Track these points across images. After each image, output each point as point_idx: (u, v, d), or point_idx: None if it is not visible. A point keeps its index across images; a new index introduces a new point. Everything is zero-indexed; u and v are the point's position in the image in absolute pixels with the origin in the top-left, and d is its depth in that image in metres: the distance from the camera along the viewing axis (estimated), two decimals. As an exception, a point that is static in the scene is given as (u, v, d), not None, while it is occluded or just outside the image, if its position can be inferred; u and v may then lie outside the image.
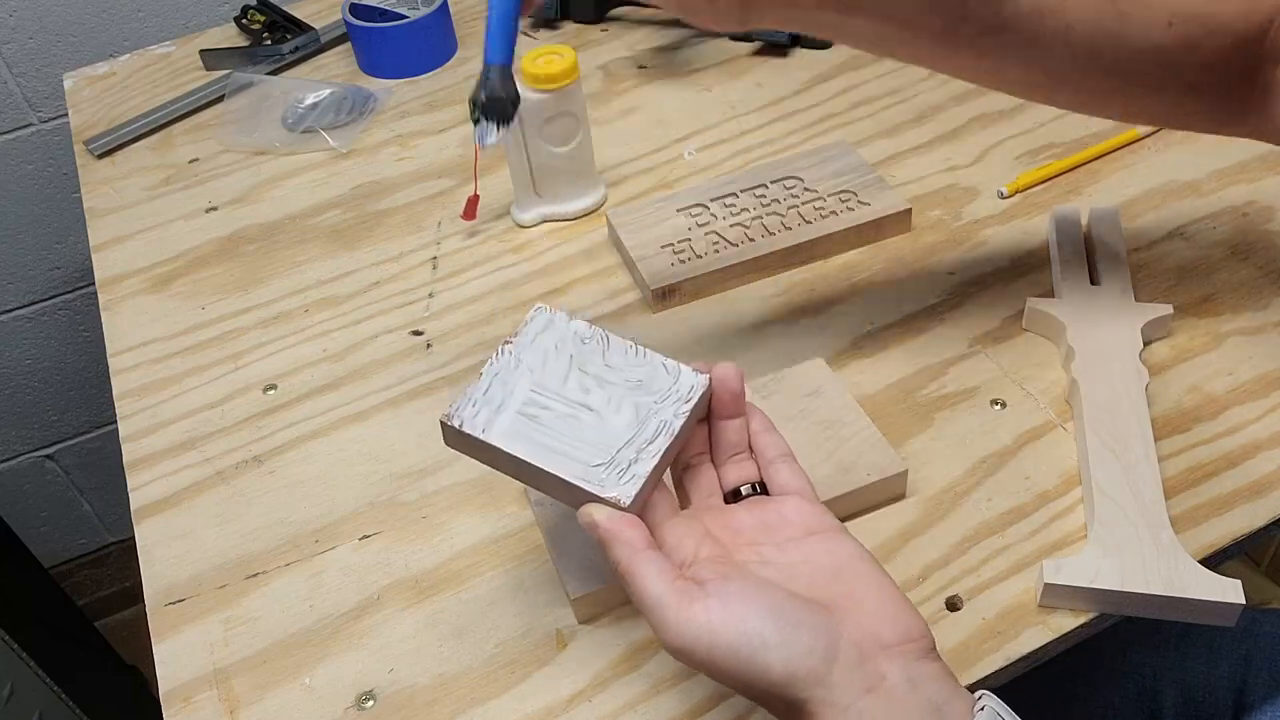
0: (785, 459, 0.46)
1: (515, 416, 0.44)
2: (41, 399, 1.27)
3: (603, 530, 0.41)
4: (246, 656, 0.51)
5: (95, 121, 0.91)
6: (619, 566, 0.40)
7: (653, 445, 0.43)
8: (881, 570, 0.41)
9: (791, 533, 0.42)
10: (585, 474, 0.42)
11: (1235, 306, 0.64)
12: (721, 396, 0.45)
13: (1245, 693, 0.60)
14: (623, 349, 0.47)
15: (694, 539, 0.42)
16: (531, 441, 0.44)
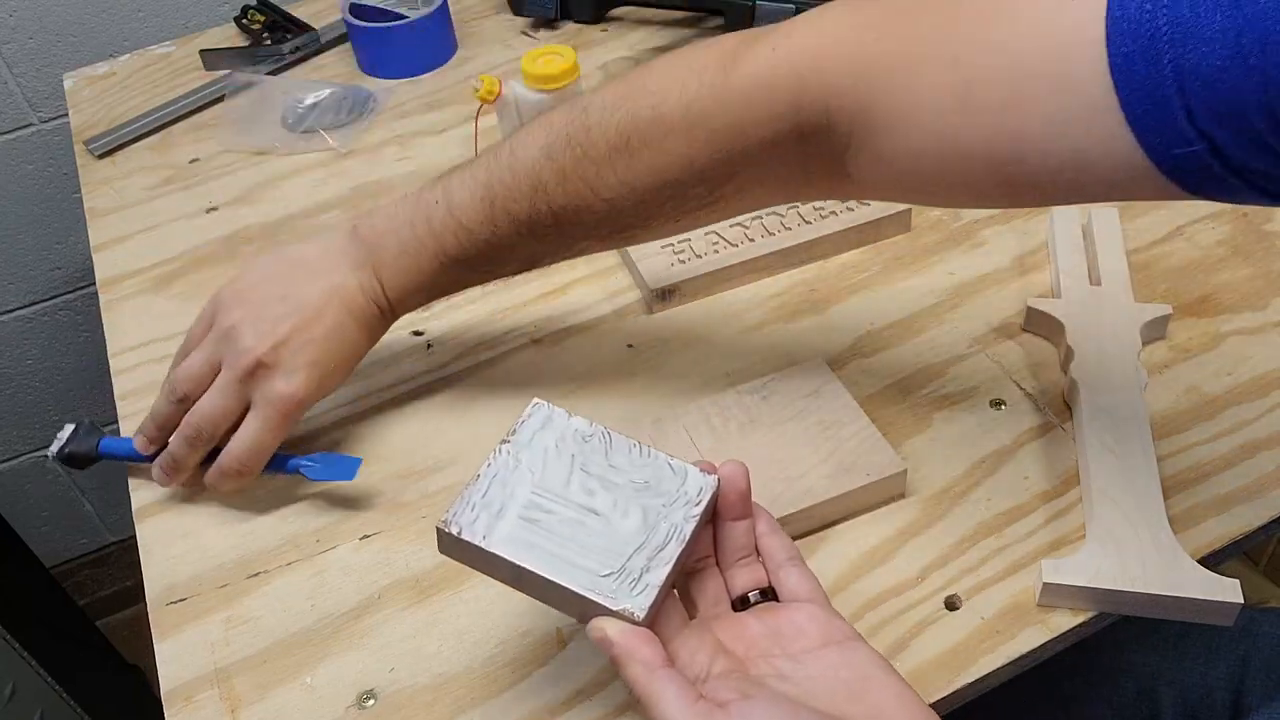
0: (794, 562, 0.44)
1: (517, 521, 0.42)
2: (42, 399, 1.27)
3: (618, 648, 0.39)
4: (247, 656, 0.51)
5: (95, 121, 0.91)
6: (636, 687, 0.38)
7: (664, 552, 0.41)
8: (900, 679, 0.40)
9: (806, 644, 0.41)
10: (594, 584, 0.40)
11: (1234, 307, 0.64)
12: (729, 497, 0.43)
13: (1243, 692, 0.60)
14: (626, 448, 0.44)
15: (707, 653, 0.40)
16: (536, 549, 0.41)
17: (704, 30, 0.95)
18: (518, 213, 0.51)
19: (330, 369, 0.56)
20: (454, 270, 0.55)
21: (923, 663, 0.48)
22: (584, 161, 0.49)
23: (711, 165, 0.47)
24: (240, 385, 0.54)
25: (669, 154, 0.47)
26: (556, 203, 0.50)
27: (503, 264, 0.55)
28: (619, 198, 0.49)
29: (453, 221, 0.53)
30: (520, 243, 0.53)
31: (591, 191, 0.49)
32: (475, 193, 0.52)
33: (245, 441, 0.55)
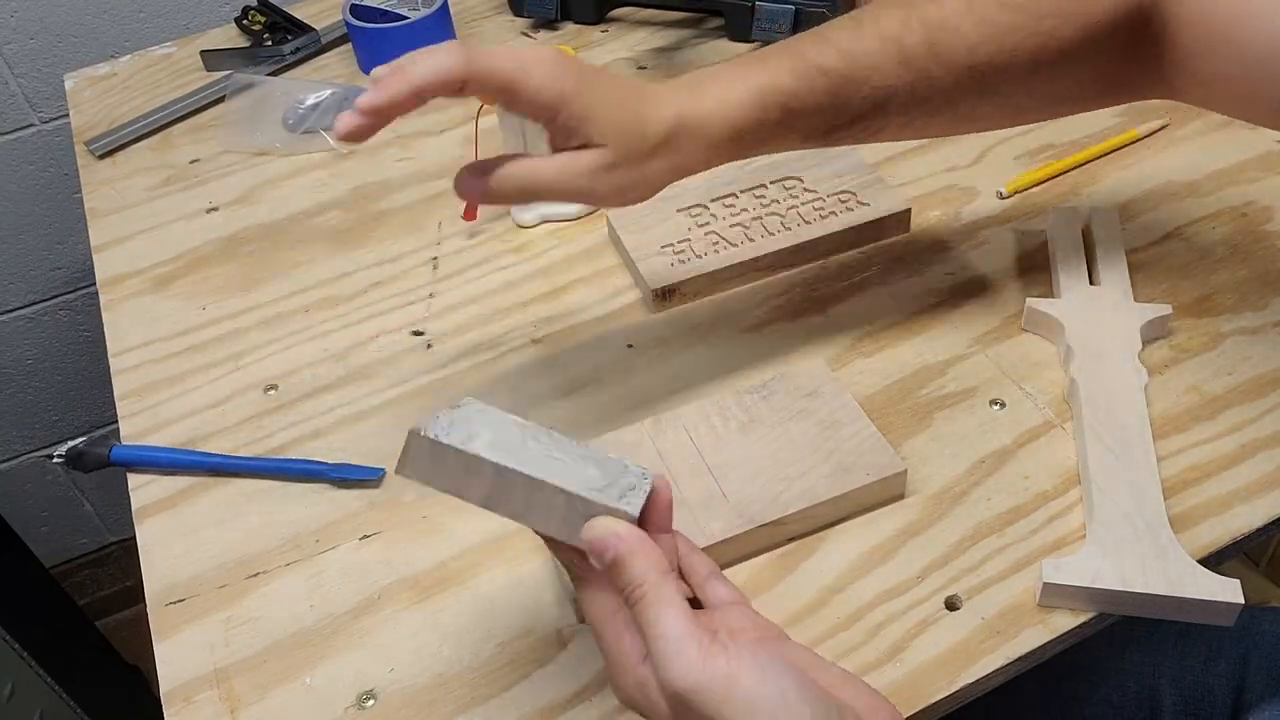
0: (718, 576, 0.43)
1: (489, 443, 0.40)
2: (42, 399, 1.27)
3: (624, 544, 0.37)
4: (247, 656, 0.51)
5: (96, 122, 0.91)
6: (637, 590, 0.37)
7: (640, 487, 0.40)
8: (838, 666, 0.39)
9: (746, 638, 0.39)
10: (587, 491, 0.39)
11: (1234, 306, 0.64)
12: (660, 507, 0.41)
13: (1244, 692, 0.60)
14: (567, 440, 0.43)
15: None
16: (519, 459, 0.40)
17: (704, 30, 0.95)
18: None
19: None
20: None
21: (923, 663, 0.48)
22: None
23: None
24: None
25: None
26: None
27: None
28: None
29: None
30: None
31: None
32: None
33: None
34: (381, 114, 0.44)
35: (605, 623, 0.39)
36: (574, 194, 0.48)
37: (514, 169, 0.47)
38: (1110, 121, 0.79)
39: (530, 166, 0.48)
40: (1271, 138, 0.76)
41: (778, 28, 0.89)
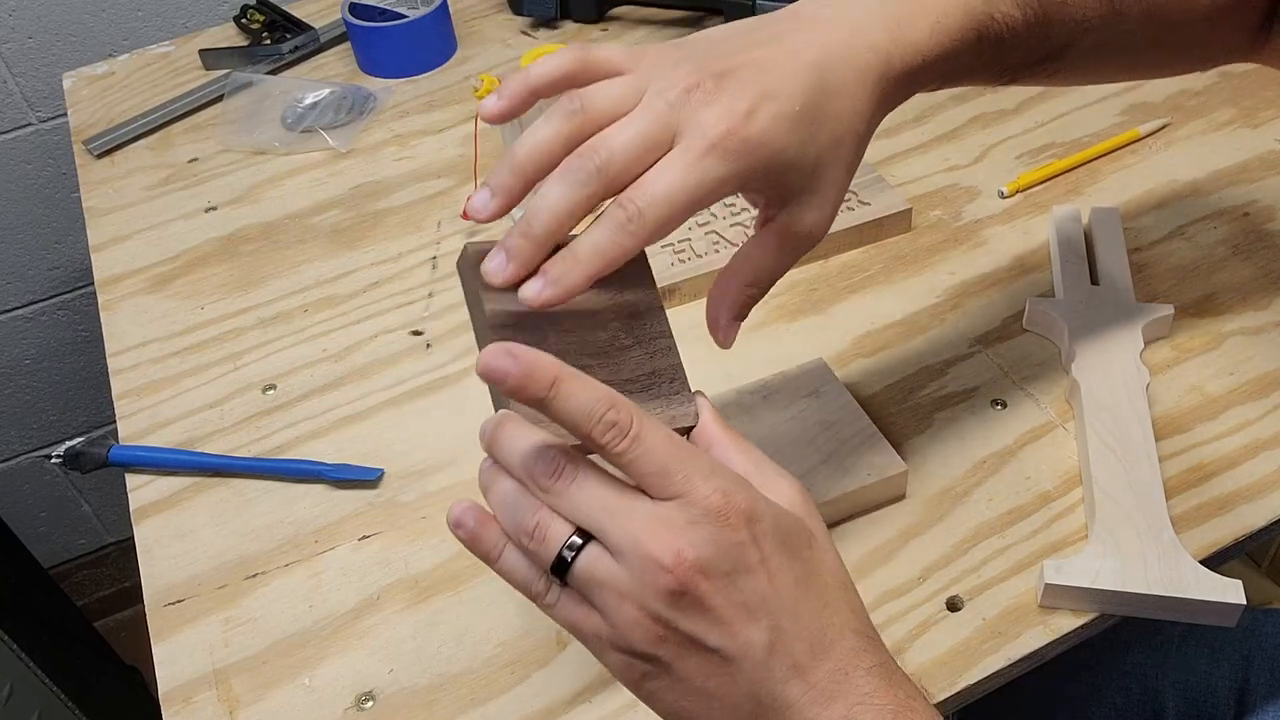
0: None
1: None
2: (40, 399, 1.27)
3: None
4: (246, 657, 0.51)
5: (94, 121, 0.91)
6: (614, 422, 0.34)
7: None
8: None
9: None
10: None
11: (1236, 306, 0.63)
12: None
13: (1246, 693, 0.60)
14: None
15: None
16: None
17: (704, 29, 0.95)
18: None
19: (795, 111, 0.39)
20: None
21: (925, 663, 0.48)
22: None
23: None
24: (669, 110, 0.38)
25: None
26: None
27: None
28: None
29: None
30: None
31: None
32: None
33: (660, 178, 0.37)
34: (505, 116, 0.40)
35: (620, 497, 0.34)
36: (802, 251, 0.43)
37: (738, 277, 0.43)
38: (1111, 121, 0.78)
39: (752, 265, 0.43)
40: (1272, 137, 0.76)
41: (778, 27, 0.89)
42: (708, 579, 0.33)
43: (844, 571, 0.37)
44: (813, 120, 0.39)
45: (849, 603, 0.36)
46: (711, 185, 0.38)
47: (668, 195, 0.37)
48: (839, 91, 0.40)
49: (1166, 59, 0.54)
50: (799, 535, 0.36)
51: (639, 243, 0.37)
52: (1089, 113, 0.79)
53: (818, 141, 0.40)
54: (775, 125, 0.38)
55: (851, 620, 0.36)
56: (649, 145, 0.37)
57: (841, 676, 0.34)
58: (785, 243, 0.42)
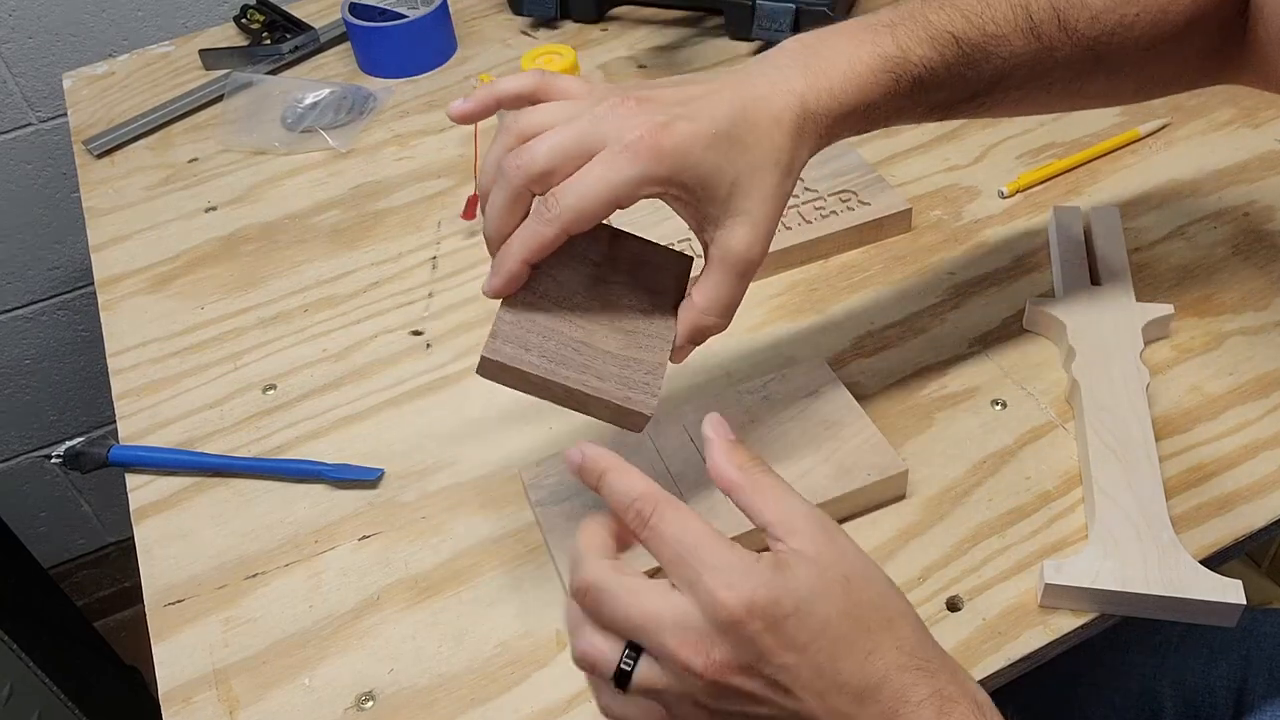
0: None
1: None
2: (40, 399, 1.27)
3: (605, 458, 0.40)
4: (246, 657, 0.51)
5: (94, 121, 0.91)
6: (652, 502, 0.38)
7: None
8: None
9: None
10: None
11: (1236, 306, 0.63)
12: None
13: (1245, 692, 0.60)
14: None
15: None
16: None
17: (704, 29, 0.95)
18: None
19: (711, 133, 0.43)
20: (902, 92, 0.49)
21: (924, 664, 0.48)
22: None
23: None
24: (593, 123, 0.43)
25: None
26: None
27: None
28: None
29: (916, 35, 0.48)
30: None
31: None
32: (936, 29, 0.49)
33: (579, 178, 0.42)
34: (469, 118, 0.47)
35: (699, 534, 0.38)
36: (748, 280, 0.47)
37: (692, 302, 0.46)
38: (1111, 120, 0.78)
39: (701, 291, 0.46)
40: (1273, 137, 0.76)
41: (778, 26, 0.89)
42: (738, 672, 0.36)
43: (890, 599, 0.38)
44: (729, 145, 0.44)
45: (894, 639, 0.37)
46: (624, 183, 0.42)
47: (581, 191, 0.42)
48: (756, 124, 0.44)
49: (1110, 89, 0.55)
50: (828, 597, 0.37)
51: (557, 230, 0.42)
52: (1089, 113, 0.79)
53: (735, 165, 0.44)
54: (689, 140, 0.43)
55: (897, 658, 0.36)
56: (571, 152, 0.42)
57: (890, 716, 0.36)
58: (723, 266, 0.45)
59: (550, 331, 0.44)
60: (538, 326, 0.44)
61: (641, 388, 0.44)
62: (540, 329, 0.44)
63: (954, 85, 0.49)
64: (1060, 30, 0.50)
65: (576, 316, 0.45)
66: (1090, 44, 0.50)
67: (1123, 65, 0.52)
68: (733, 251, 0.45)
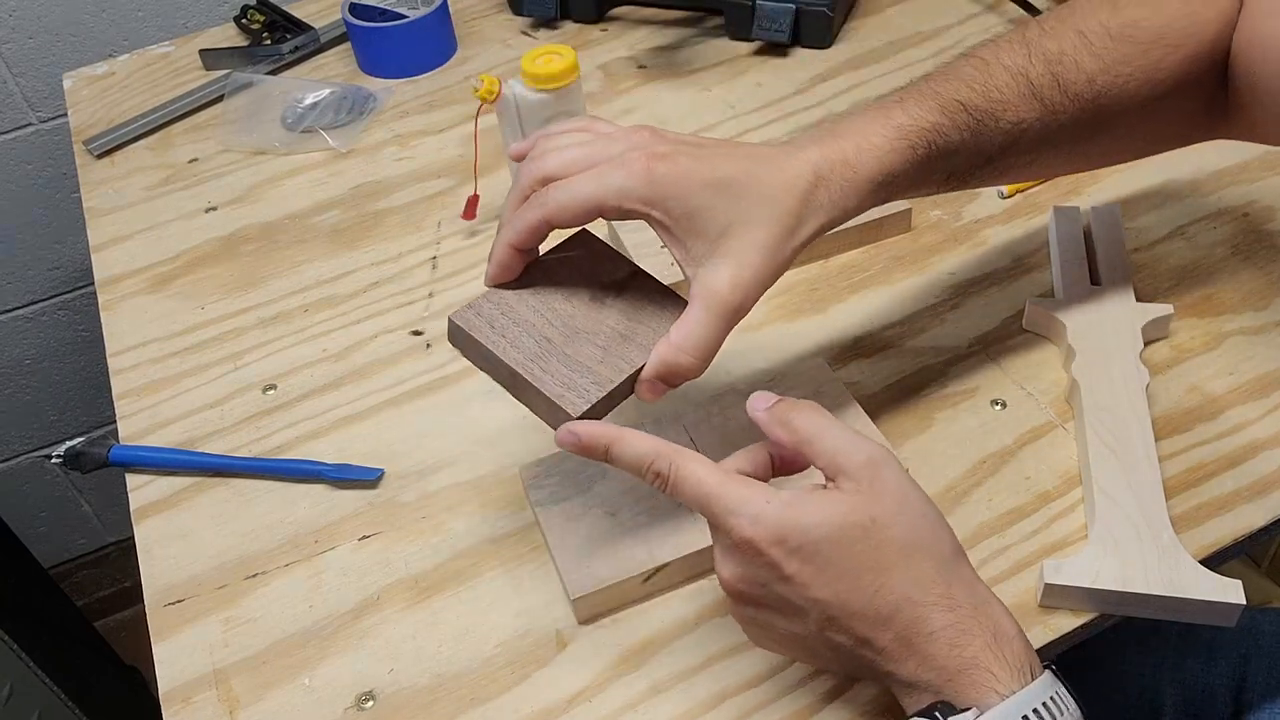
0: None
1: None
2: (40, 399, 1.27)
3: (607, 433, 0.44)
4: (246, 657, 0.51)
5: (94, 121, 0.91)
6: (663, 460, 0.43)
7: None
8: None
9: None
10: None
11: (1236, 306, 0.64)
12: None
13: (1244, 692, 0.60)
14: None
15: None
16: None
17: (704, 29, 0.95)
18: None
19: (711, 177, 0.45)
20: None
21: (924, 663, 0.48)
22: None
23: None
24: (606, 142, 0.47)
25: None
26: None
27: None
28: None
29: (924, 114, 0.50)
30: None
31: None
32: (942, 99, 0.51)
33: (574, 178, 0.46)
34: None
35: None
36: (729, 326, 0.47)
37: (670, 339, 0.46)
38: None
39: (679, 327, 0.46)
40: (1272, 137, 0.76)
41: (777, 27, 0.89)
42: (749, 588, 0.42)
43: (918, 539, 0.41)
44: (729, 192, 0.45)
45: (910, 575, 0.40)
46: (607, 190, 0.44)
47: (569, 188, 0.45)
48: (763, 183, 0.46)
49: (1112, 148, 0.57)
50: (842, 535, 0.40)
51: (539, 216, 0.45)
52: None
53: (731, 212, 0.45)
54: (685, 173, 0.45)
55: (912, 591, 0.40)
56: (578, 162, 0.46)
57: (904, 643, 0.40)
58: (702, 304, 0.45)
59: (523, 322, 0.47)
60: (513, 314, 0.47)
61: (579, 391, 0.45)
62: (514, 317, 0.47)
63: (968, 151, 0.51)
64: (1061, 94, 0.51)
65: (556, 320, 0.48)
66: (1089, 105, 0.52)
67: (1119, 125, 0.54)
68: (713, 290, 0.45)
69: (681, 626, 0.50)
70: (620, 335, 0.48)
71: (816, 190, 0.46)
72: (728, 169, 0.45)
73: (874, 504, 0.41)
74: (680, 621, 0.50)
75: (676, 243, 0.46)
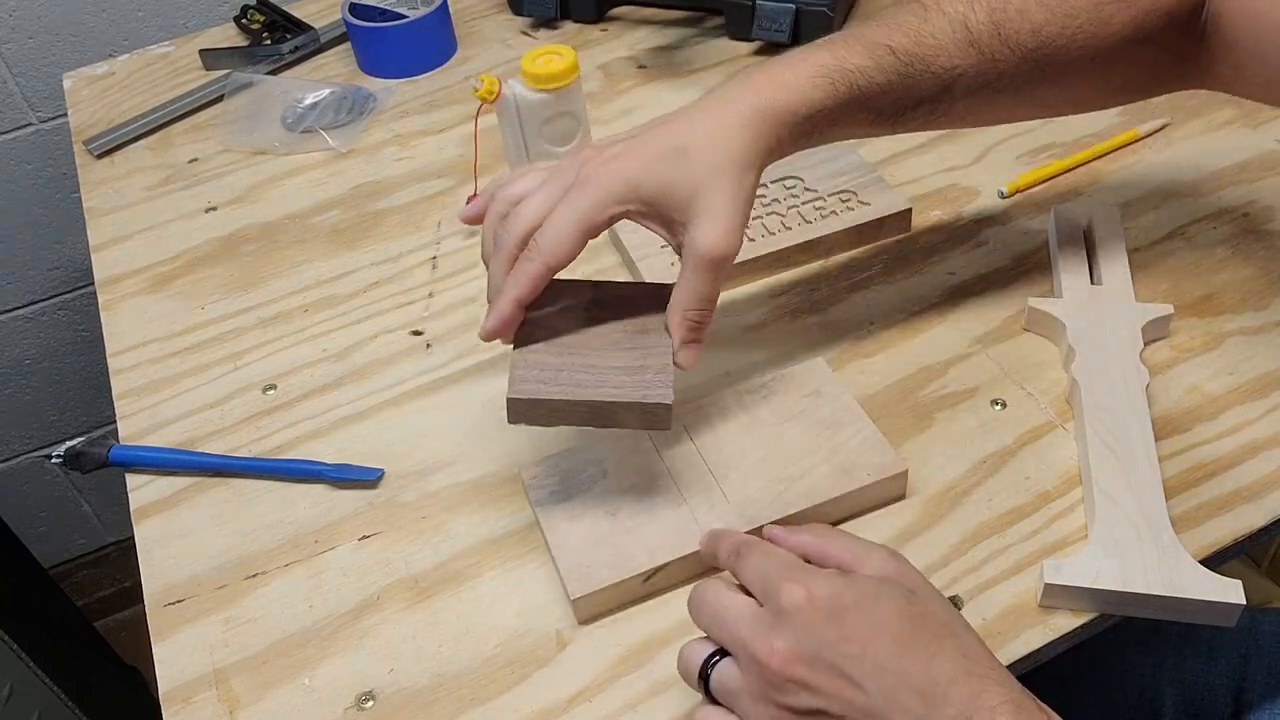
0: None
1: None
2: (41, 399, 1.27)
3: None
4: (246, 656, 0.51)
5: (95, 121, 0.91)
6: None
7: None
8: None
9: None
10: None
11: (1235, 306, 0.64)
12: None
13: (1244, 691, 0.60)
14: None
15: None
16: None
17: (704, 29, 0.95)
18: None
19: (661, 151, 0.48)
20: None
21: (924, 663, 0.48)
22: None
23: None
24: (561, 176, 0.49)
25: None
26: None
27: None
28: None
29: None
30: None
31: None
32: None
33: (551, 218, 0.48)
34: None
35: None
36: (722, 275, 0.49)
37: (675, 305, 0.49)
38: (1111, 121, 0.78)
39: (680, 292, 0.49)
40: (1273, 137, 0.76)
41: (777, 27, 0.89)
42: (803, 663, 0.38)
43: (955, 616, 0.40)
44: (680, 157, 0.48)
45: (961, 648, 0.38)
46: (587, 210, 0.47)
47: (555, 227, 0.47)
48: (705, 134, 0.48)
49: (1063, 97, 0.57)
50: (890, 598, 0.39)
51: (540, 266, 0.47)
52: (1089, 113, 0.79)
53: (691, 173, 0.47)
54: (638, 161, 0.47)
55: (964, 664, 0.38)
56: (546, 206, 0.48)
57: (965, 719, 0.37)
58: (695, 264, 0.48)
59: (561, 364, 0.49)
60: (549, 364, 0.49)
61: (656, 385, 0.48)
62: (552, 366, 0.49)
63: (895, 92, 0.52)
64: (1001, 43, 0.52)
65: (580, 349, 0.50)
66: (1033, 55, 0.52)
67: (1068, 75, 0.54)
68: (700, 248, 0.48)
69: (681, 626, 0.50)
70: (637, 332, 0.51)
71: (755, 122, 0.49)
72: (672, 139, 0.48)
73: (906, 579, 0.41)
74: (680, 621, 0.50)
75: (660, 222, 0.49)
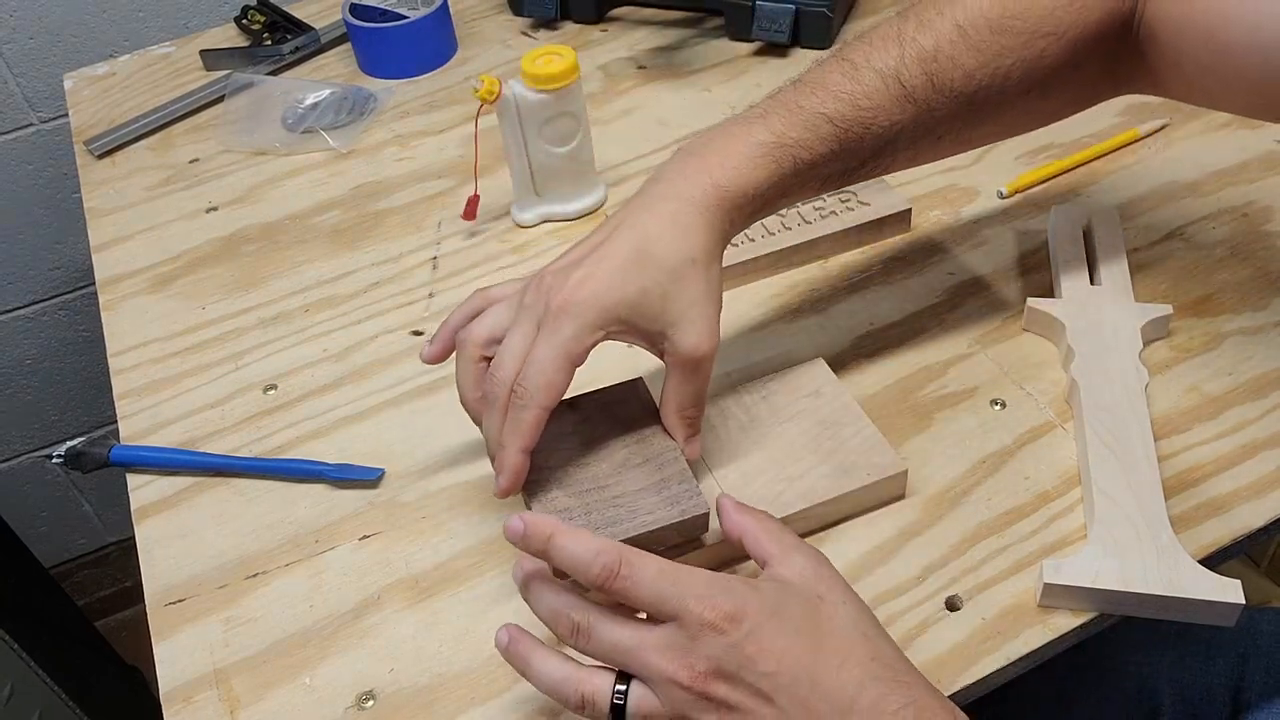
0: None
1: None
2: (41, 399, 1.27)
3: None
4: (247, 656, 0.51)
5: (95, 122, 0.91)
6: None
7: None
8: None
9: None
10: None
11: (1235, 306, 0.64)
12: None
13: (1242, 691, 0.60)
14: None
15: None
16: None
17: (704, 30, 0.95)
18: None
19: (619, 264, 0.47)
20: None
21: (924, 663, 0.48)
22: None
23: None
24: (528, 313, 0.48)
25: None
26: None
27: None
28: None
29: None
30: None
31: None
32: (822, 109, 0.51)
33: (532, 359, 0.47)
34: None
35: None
36: (707, 370, 0.49)
37: (667, 408, 0.50)
38: (1111, 121, 0.78)
39: (670, 396, 0.50)
40: (1272, 137, 0.76)
41: (777, 27, 0.89)
42: (722, 680, 0.39)
43: (864, 618, 0.41)
44: (643, 265, 0.47)
45: (869, 650, 0.40)
46: (568, 345, 0.46)
47: (538, 368, 0.46)
48: (660, 237, 0.47)
49: (1001, 128, 0.57)
50: (800, 607, 0.40)
51: (537, 412, 0.46)
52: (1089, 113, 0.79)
53: (657, 281, 0.47)
54: (605, 281, 0.46)
55: (872, 668, 0.39)
56: (523, 349, 0.47)
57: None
58: (681, 368, 0.49)
59: (585, 505, 0.49)
60: (572, 508, 0.49)
61: (684, 496, 0.48)
62: (578, 509, 0.48)
63: (839, 159, 0.51)
64: (935, 92, 0.51)
65: (593, 481, 0.50)
66: (969, 99, 0.52)
67: (1005, 110, 0.54)
68: (683, 352, 0.48)
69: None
70: (638, 443, 0.51)
71: (708, 220, 0.48)
72: (630, 243, 0.47)
73: (818, 584, 0.41)
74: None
75: (639, 336, 0.48)
